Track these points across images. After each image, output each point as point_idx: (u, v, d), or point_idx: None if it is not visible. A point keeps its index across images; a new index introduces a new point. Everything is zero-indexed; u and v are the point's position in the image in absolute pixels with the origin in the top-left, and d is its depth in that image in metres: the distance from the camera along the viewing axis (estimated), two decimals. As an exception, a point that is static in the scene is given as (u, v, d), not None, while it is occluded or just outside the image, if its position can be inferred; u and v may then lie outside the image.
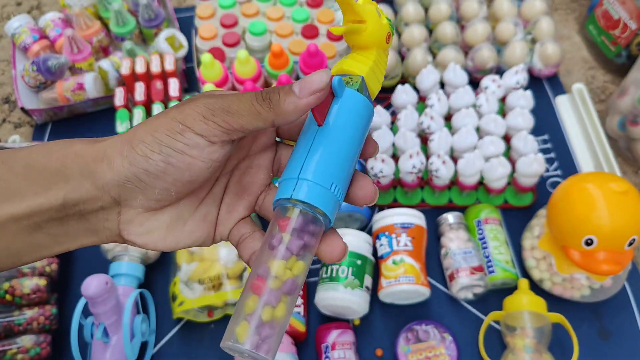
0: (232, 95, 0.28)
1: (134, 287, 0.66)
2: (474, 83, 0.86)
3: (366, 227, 0.75)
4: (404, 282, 0.64)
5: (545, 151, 0.82)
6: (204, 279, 0.65)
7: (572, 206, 0.61)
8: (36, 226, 0.27)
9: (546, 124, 0.84)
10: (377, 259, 0.68)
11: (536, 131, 0.82)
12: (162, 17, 0.88)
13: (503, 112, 0.81)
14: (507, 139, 0.77)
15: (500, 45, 0.88)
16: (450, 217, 0.71)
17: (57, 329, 0.66)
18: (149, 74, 0.82)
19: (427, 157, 0.75)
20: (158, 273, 0.71)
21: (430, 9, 0.90)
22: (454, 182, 0.76)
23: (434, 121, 0.74)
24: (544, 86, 0.89)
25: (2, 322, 0.63)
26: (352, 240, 0.67)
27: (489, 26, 0.86)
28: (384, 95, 0.87)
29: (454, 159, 0.75)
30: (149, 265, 0.70)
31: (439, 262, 0.72)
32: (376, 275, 0.68)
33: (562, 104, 0.87)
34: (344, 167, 0.29)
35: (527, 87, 0.82)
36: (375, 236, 0.69)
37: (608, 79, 0.91)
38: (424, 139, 0.78)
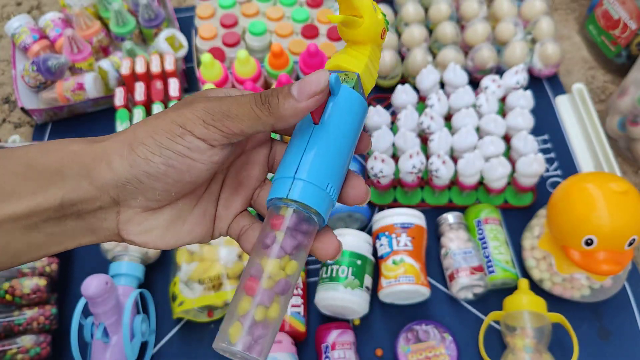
0: (231, 99, 0.28)
1: (134, 287, 0.66)
2: (474, 83, 0.86)
3: (366, 227, 0.75)
4: (404, 282, 0.64)
5: (545, 151, 0.82)
6: (204, 279, 0.65)
7: (572, 206, 0.61)
8: (34, 226, 0.27)
9: (546, 124, 0.84)
10: (377, 259, 0.68)
11: (536, 131, 0.82)
12: (162, 17, 0.88)
13: (503, 112, 0.81)
14: (507, 139, 0.77)
15: (500, 45, 0.88)
16: (450, 217, 0.71)
17: (57, 329, 0.66)
18: (149, 74, 0.82)
19: (427, 157, 0.75)
20: (158, 273, 0.71)
21: (430, 9, 0.90)
22: (454, 182, 0.76)
23: (434, 121, 0.74)
24: (544, 86, 0.89)
25: (2, 322, 0.63)
26: (352, 240, 0.67)
27: (489, 26, 0.86)
28: (384, 95, 0.87)
29: (454, 159, 0.75)
30: (149, 265, 0.70)
31: (439, 262, 0.72)
32: (376, 275, 0.68)
33: (562, 104, 0.87)
34: (339, 166, 0.29)
35: (527, 87, 0.82)
36: (375, 236, 0.69)
37: (608, 79, 0.91)
38: (424, 139, 0.78)
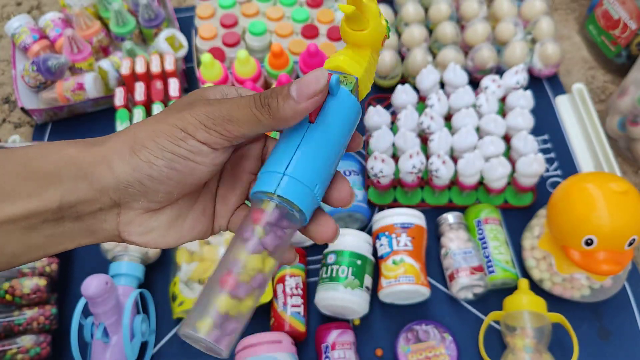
0: (231, 102, 0.28)
1: (134, 287, 0.66)
2: (474, 83, 0.86)
3: (366, 227, 0.75)
4: (404, 282, 0.64)
5: (545, 151, 0.82)
6: (204, 279, 0.65)
7: (572, 206, 0.61)
8: (32, 227, 0.27)
9: (546, 124, 0.84)
10: (377, 259, 0.68)
11: (536, 131, 0.82)
12: (162, 17, 0.88)
13: (503, 112, 0.81)
14: (507, 139, 0.77)
15: (500, 45, 0.88)
16: (450, 217, 0.71)
17: (57, 329, 0.66)
18: (149, 74, 0.82)
19: (427, 157, 0.75)
20: (158, 273, 0.71)
21: (430, 9, 0.90)
22: (454, 182, 0.76)
23: (434, 121, 0.74)
24: (544, 86, 0.89)
25: (2, 322, 0.63)
26: (352, 240, 0.67)
27: (489, 26, 0.86)
28: (384, 95, 0.87)
29: (454, 159, 0.75)
30: (149, 265, 0.70)
31: (439, 262, 0.72)
32: (376, 275, 0.68)
33: (562, 104, 0.87)
34: (328, 167, 0.30)
35: (527, 87, 0.82)
36: (375, 236, 0.69)
37: (608, 79, 0.91)
38: (424, 139, 0.78)
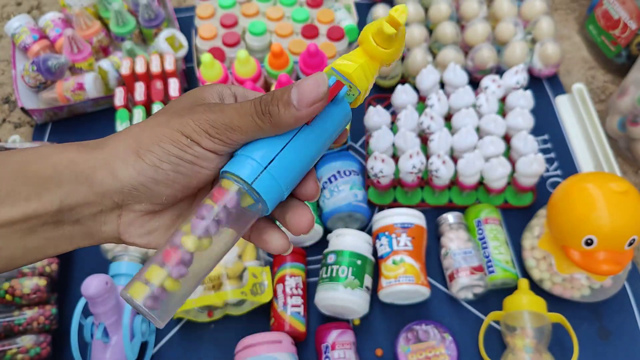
0: (232, 109, 0.28)
1: (134, 287, 0.66)
2: (474, 83, 0.86)
3: (366, 227, 0.75)
4: (404, 282, 0.64)
5: (545, 151, 0.82)
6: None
7: (572, 206, 0.61)
8: (31, 230, 0.27)
9: (546, 124, 0.84)
10: (377, 259, 0.68)
11: (536, 131, 0.82)
12: (162, 17, 0.88)
13: (503, 112, 0.81)
14: (507, 139, 0.77)
15: (500, 45, 0.88)
16: (450, 217, 0.71)
17: (57, 329, 0.66)
18: (149, 74, 0.82)
19: (427, 157, 0.75)
20: (158, 273, 0.71)
21: (430, 9, 0.90)
22: (454, 182, 0.76)
23: (434, 121, 0.74)
24: (544, 86, 0.89)
25: (2, 322, 0.63)
26: (352, 240, 0.67)
27: (489, 26, 0.86)
28: (384, 95, 0.87)
29: (454, 159, 0.75)
30: (149, 265, 0.70)
31: (439, 262, 0.72)
32: (376, 275, 0.68)
33: (562, 104, 0.87)
34: (307, 169, 0.30)
35: (527, 87, 0.82)
36: (375, 236, 0.69)
37: (608, 79, 0.91)
38: (424, 139, 0.78)
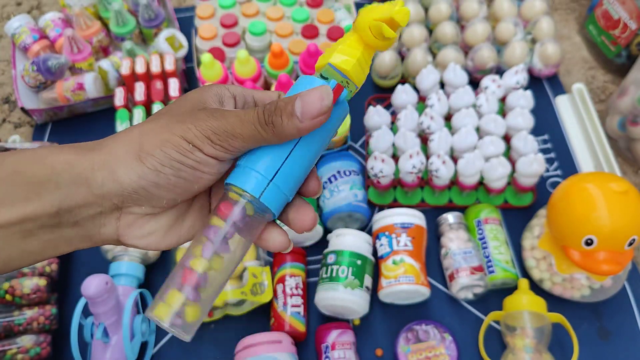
0: (234, 117, 0.28)
1: (134, 287, 0.66)
2: (474, 83, 0.86)
3: (366, 227, 0.75)
4: (404, 282, 0.64)
5: (545, 151, 0.82)
6: (204, 279, 0.65)
7: (572, 206, 0.61)
8: (29, 233, 0.27)
9: (546, 124, 0.84)
10: (377, 259, 0.68)
11: (536, 131, 0.82)
12: (162, 17, 0.88)
13: (503, 112, 0.81)
14: (507, 139, 0.77)
15: (500, 45, 0.88)
16: (450, 217, 0.71)
17: (57, 329, 0.66)
18: (149, 74, 0.82)
19: (427, 157, 0.75)
20: (158, 273, 0.71)
21: (430, 9, 0.90)
22: (454, 182, 0.76)
23: (434, 121, 0.74)
24: (544, 86, 0.89)
25: (2, 322, 0.63)
26: (352, 240, 0.67)
27: (489, 26, 0.86)
28: (384, 95, 0.87)
29: (454, 159, 0.75)
30: (149, 265, 0.70)
31: (439, 262, 0.72)
32: (376, 275, 0.68)
33: (562, 104, 0.87)
34: (306, 175, 0.31)
35: (527, 87, 0.82)
36: (375, 236, 0.69)
37: (608, 79, 0.91)
38: (424, 139, 0.78)
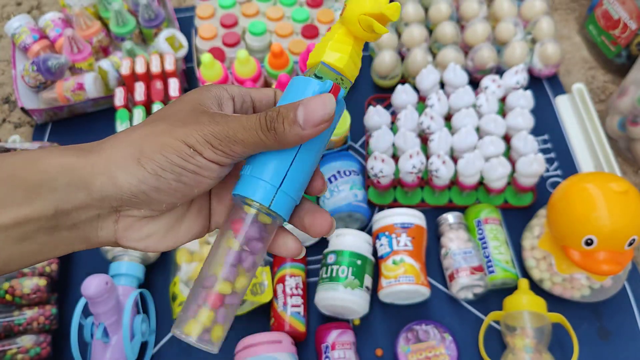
0: (236, 122, 0.28)
1: (134, 287, 0.66)
2: (474, 83, 0.86)
3: (366, 227, 0.75)
4: (404, 282, 0.64)
5: (545, 151, 0.82)
6: (204, 279, 0.65)
7: (572, 206, 0.61)
8: (26, 236, 0.27)
9: (546, 124, 0.84)
10: (377, 259, 0.68)
11: (536, 131, 0.82)
12: (162, 17, 0.88)
13: (503, 112, 0.81)
14: (507, 139, 0.77)
15: (500, 45, 0.88)
16: (450, 217, 0.71)
17: (57, 329, 0.66)
18: (149, 74, 0.82)
19: (427, 157, 0.75)
20: (158, 273, 0.71)
21: (430, 9, 0.90)
22: (454, 182, 0.76)
23: (434, 121, 0.74)
24: (544, 86, 0.89)
25: (2, 322, 0.63)
26: (352, 240, 0.67)
27: (489, 26, 0.86)
28: (384, 95, 0.87)
29: (454, 159, 0.75)
30: (149, 265, 0.70)
31: (439, 262, 0.72)
32: (376, 275, 0.68)
33: (562, 104, 0.87)
34: (311, 176, 0.31)
35: (527, 87, 0.82)
36: (375, 236, 0.69)
37: (608, 79, 0.91)
38: (424, 139, 0.78)
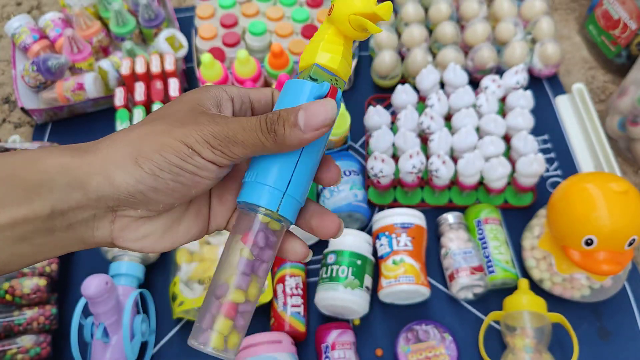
0: (236, 123, 0.28)
1: (134, 287, 0.66)
2: (474, 83, 0.86)
3: (366, 227, 0.75)
4: (404, 282, 0.64)
5: (545, 151, 0.82)
6: (204, 279, 0.65)
7: (572, 206, 0.61)
8: (21, 237, 0.27)
9: (546, 124, 0.84)
10: (377, 259, 0.68)
11: (536, 131, 0.82)
12: (162, 17, 0.88)
13: (503, 112, 0.81)
14: (507, 139, 0.77)
15: (500, 45, 0.88)
16: (450, 217, 0.71)
17: (57, 329, 0.66)
18: (149, 74, 0.82)
19: (427, 157, 0.75)
20: (158, 273, 0.71)
21: (430, 9, 0.90)
22: (454, 182, 0.76)
23: (434, 121, 0.74)
24: (544, 86, 0.89)
25: (2, 322, 0.63)
26: (352, 240, 0.67)
27: (489, 26, 0.86)
28: (384, 95, 0.87)
29: (454, 159, 0.75)
30: (149, 265, 0.70)
31: (439, 262, 0.72)
32: (376, 275, 0.68)
33: (562, 104, 0.87)
34: (313, 176, 0.31)
35: (527, 87, 0.82)
36: (375, 236, 0.69)
37: (608, 79, 0.91)
38: (424, 139, 0.78)
